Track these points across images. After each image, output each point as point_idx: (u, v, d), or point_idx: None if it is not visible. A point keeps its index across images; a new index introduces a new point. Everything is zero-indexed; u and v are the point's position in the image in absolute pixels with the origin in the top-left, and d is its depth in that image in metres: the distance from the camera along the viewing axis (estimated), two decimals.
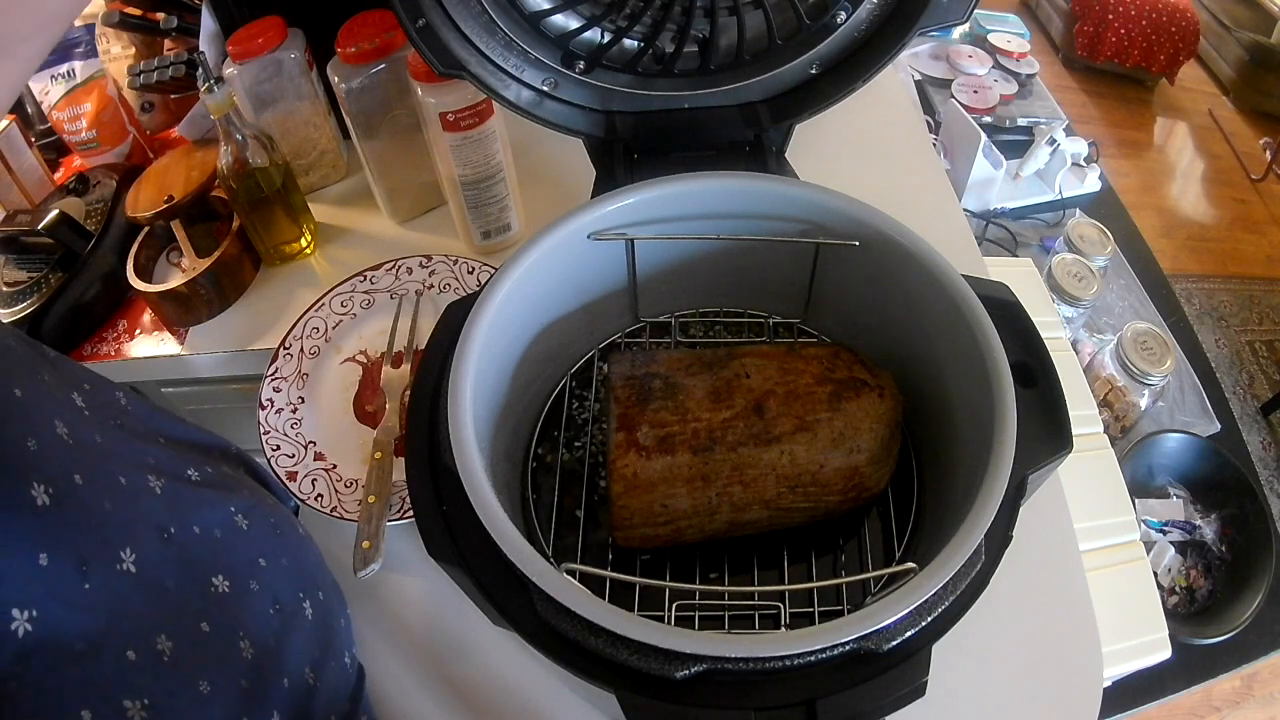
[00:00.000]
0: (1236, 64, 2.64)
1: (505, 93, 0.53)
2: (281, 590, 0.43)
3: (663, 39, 0.52)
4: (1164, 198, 2.38)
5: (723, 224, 0.53)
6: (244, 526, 0.43)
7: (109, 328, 0.75)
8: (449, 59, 0.50)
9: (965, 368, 0.45)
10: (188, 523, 0.38)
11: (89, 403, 0.37)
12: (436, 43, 0.49)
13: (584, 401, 0.57)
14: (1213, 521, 1.21)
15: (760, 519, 0.47)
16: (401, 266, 0.70)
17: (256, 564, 0.42)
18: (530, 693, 0.51)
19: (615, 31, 0.51)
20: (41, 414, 0.32)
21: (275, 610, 0.42)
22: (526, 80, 0.53)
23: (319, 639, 0.45)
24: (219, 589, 0.38)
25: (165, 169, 0.77)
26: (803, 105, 0.55)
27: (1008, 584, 0.40)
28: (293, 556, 0.46)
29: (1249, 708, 1.37)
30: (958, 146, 1.37)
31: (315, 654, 0.44)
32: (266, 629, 0.41)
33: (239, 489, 0.45)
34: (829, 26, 0.52)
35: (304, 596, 0.45)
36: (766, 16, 0.51)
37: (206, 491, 0.42)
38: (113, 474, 0.35)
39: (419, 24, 0.48)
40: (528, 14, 0.49)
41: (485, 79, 0.51)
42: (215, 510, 0.41)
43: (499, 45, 0.51)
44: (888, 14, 0.51)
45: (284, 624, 0.42)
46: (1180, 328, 1.38)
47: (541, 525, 0.51)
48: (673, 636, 0.34)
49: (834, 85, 0.54)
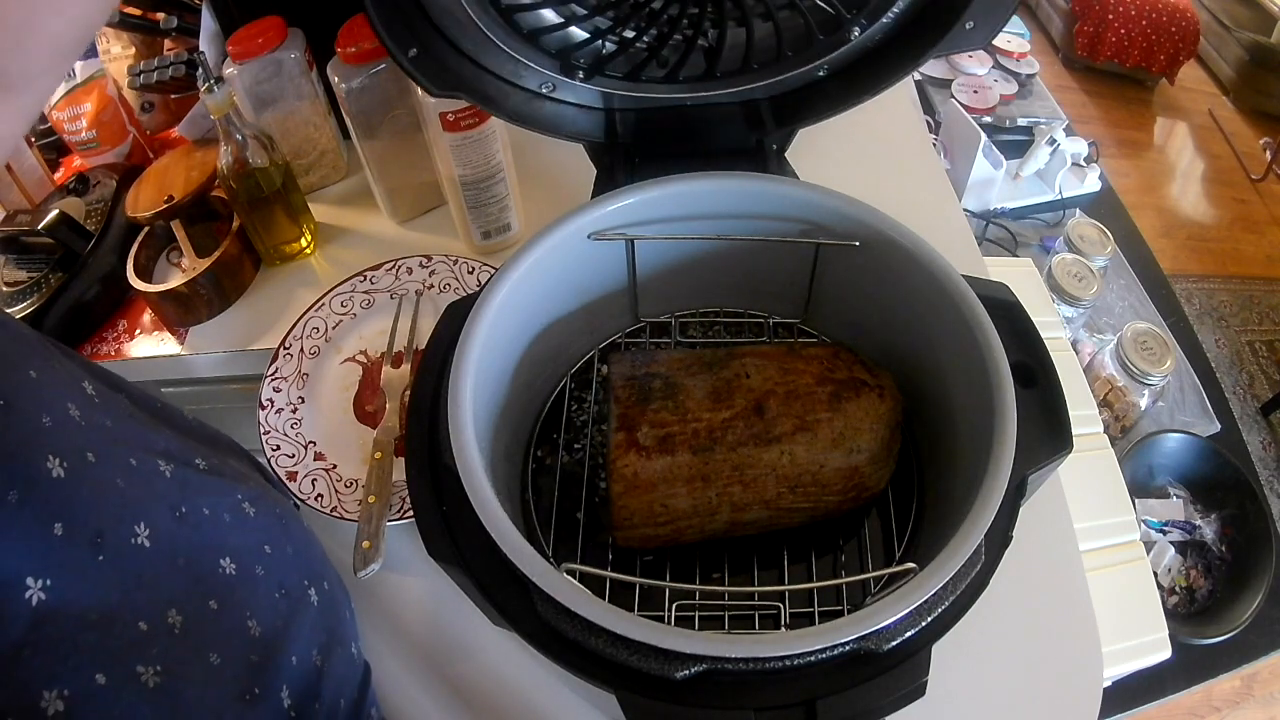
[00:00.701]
0: (1236, 64, 2.64)
1: (504, 104, 0.52)
2: (287, 576, 0.44)
3: (667, 48, 0.51)
4: (1164, 198, 2.38)
5: (723, 224, 0.53)
6: (250, 514, 0.43)
7: (109, 328, 0.75)
8: (444, 81, 0.48)
9: (965, 368, 0.45)
10: (197, 505, 0.39)
11: (99, 391, 0.37)
12: (430, 68, 0.47)
13: (583, 403, 0.57)
14: (1213, 521, 1.21)
15: (760, 519, 0.47)
16: (401, 266, 0.70)
17: (262, 550, 0.43)
18: (530, 693, 0.51)
19: (619, 43, 0.50)
20: (55, 395, 0.33)
21: (281, 595, 0.43)
22: (525, 86, 0.52)
23: (325, 625, 0.46)
24: (226, 570, 0.39)
25: (165, 169, 0.77)
26: (808, 109, 0.54)
27: (1008, 584, 0.40)
28: (297, 546, 0.47)
29: (1249, 708, 1.37)
30: (958, 146, 1.37)
31: (322, 638, 0.45)
32: (273, 611, 0.41)
33: (246, 480, 0.46)
34: (842, 40, 0.50)
35: (309, 584, 0.46)
36: (777, 29, 0.49)
37: (214, 479, 0.42)
38: (124, 455, 0.36)
39: (411, 54, 0.46)
40: (525, 32, 0.48)
41: (483, 93, 0.50)
42: (224, 496, 0.42)
43: (495, 60, 0.50)
44: (906, 32, 0.50)
45: (290, 608, 0.43)
46: (1180, 328, 1.38)
47: (541, 525, 0.51)
48: (673, 636, 0.34)
49: (842, 90, 0.53)
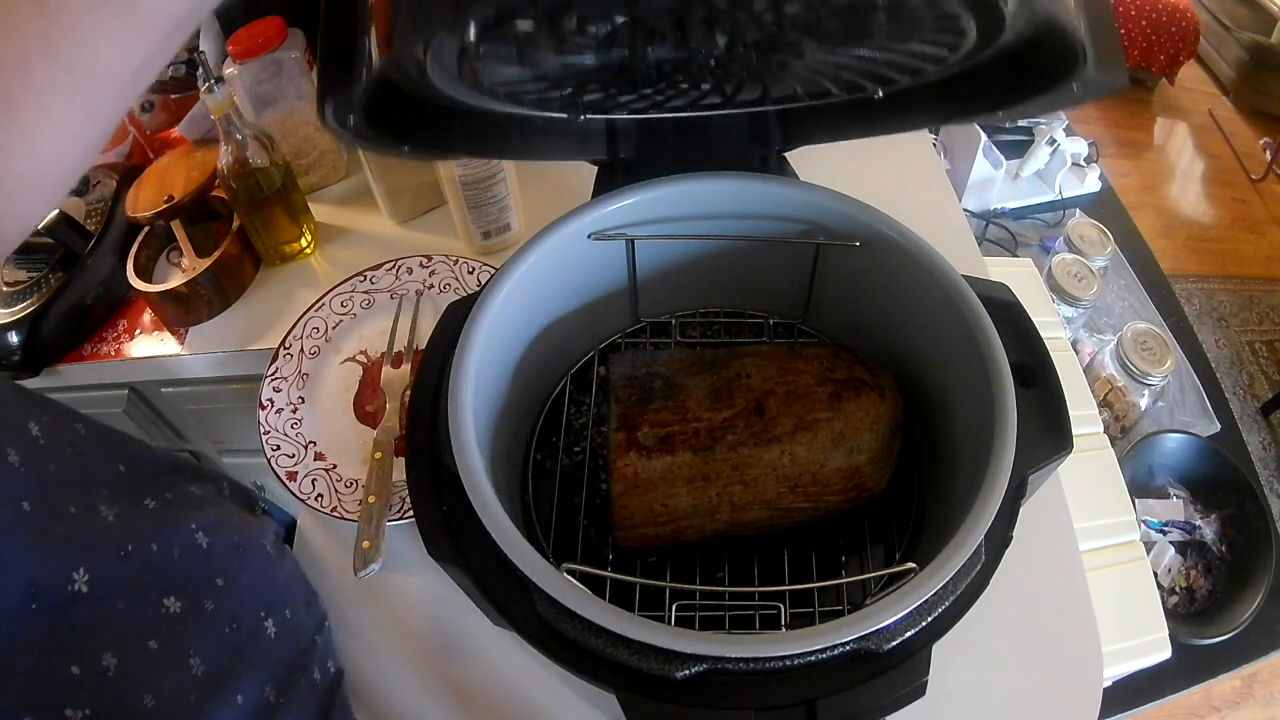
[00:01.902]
0: (1236, 64, 2.64)
1: (506, 149, 0.48)
2: (240, 610, 0.44)
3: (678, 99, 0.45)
4: (1164, 198, 2.38)
5: (723, 224, 0.53)
6: (204, 545, 0.43)
7: (109, 328, 0.75)
8: (448, 146, 0.44)
9: (965, 368, 0.45)
10: (145, 541, 0.39)
11: (46, 433, 0.37)
12: (427, 141, 0.41)
13: (581, 406, 0.57)
14: (1213, 521, 1.20)
15: (760, 519, 0.47)
16: (401, 266, 0.70)
17: (213, 583, 0.43)
18: (530, 693, 0.51)
19: (629, 103, 0.45)
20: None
21: (232, 629, 0.43)
22: (528, 124, 0.46)
23: (284, 658, 0.46)
24: (171, 609, 0.39)
25: (165, 169, 0.77)
26: (817, 128, 0.49)
27: (1008, 584, 0.40)
28: (257, 574, 0.47)
29: (1249, 708, 1.37)
30: (958, 146, 1.36)
31: (280, 673, 0.44)
32: (220, 648, 0.41)
33: (203, 506, 0.45)
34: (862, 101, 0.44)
35: (265, 615, 0.45)
36: (795, 89, 0.44)
37: (166, 511, 0.42)
38: (64, 500, 0.36)
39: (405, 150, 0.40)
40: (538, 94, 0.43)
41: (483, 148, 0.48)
42: (175, 529, 0.42)
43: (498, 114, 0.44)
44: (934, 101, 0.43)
45: (242, 643, 0.43)
46: (1180, 328, 1.38)
47: (542, 525, 0.51)
48: (673, 636, 0.34)
49: (855, 123, 0.47)
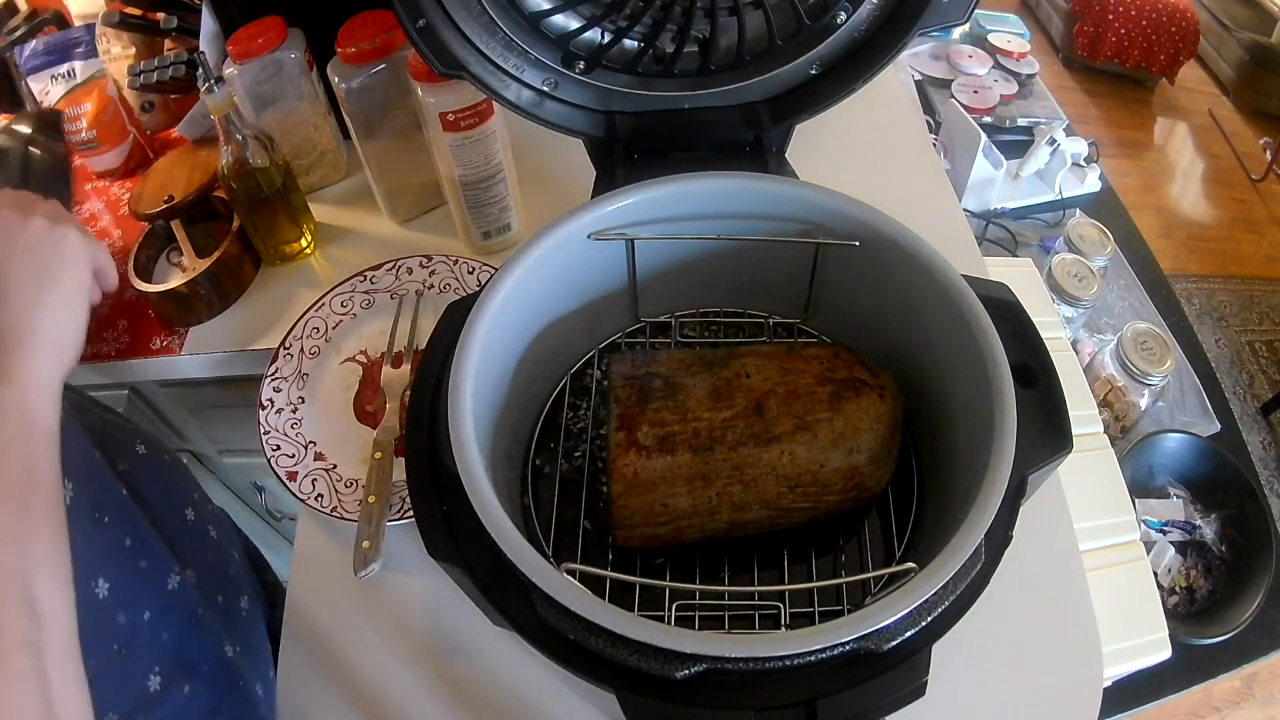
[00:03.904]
0: (1236, 64, 2.64)
1: (505, 93, 0.53)
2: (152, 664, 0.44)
3: (663, 39, 0.52)
4: (1164, 198, 2.38)
5: (723, 224, 0.53)
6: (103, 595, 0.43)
7: (109, 328, 0.75)
8: (449, 59, 0.50)
9: (965, 367, 0.45)
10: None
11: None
12: (436, 43, 0.49)
13: (579, 410, 0.57)
14: (1213, 521, 1.20)
15: (760, 519, 0.47)
16: (401, 266, 0.70)
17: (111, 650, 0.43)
18: (530, 693, 0.51)
19: (615, 32, 0.51)
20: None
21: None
22: (527, 80, 0.53)
23: (210, 703, 0.47)
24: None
25: (166, 169, 0.77)
26: (803, 105, 0.55)
27: (1008, 584, 0.40)
28: (175, 631, 0.47)
29: (1249, 708, 1.38)
30: (958, 146, 1.36)
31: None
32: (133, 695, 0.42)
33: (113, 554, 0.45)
34: (829, 27, 0.52)
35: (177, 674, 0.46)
36: (767, 17, 0.51)
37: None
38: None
39: (419, 24, 0.48)
40: (528, 14, 0.50)
41: (485, 79, 0.51)
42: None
43: (499, 45, 0.51)
44: (888, 14, 0.51)
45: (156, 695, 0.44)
46: (1180, 328, 1.37)
47: (541, 525, 0.51)
48: (673, 636, 0.34)
49: (834, 85, 0.54)
